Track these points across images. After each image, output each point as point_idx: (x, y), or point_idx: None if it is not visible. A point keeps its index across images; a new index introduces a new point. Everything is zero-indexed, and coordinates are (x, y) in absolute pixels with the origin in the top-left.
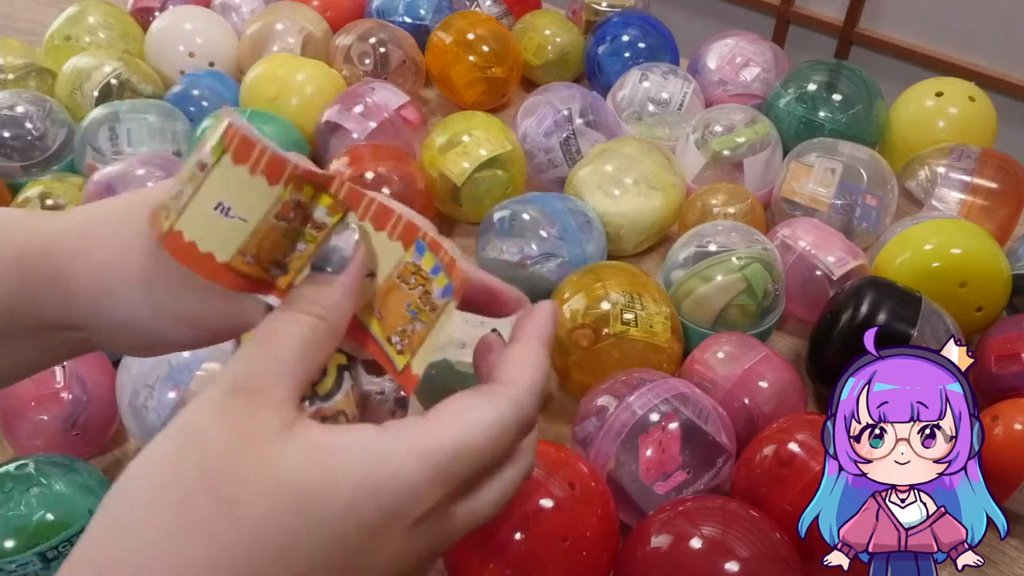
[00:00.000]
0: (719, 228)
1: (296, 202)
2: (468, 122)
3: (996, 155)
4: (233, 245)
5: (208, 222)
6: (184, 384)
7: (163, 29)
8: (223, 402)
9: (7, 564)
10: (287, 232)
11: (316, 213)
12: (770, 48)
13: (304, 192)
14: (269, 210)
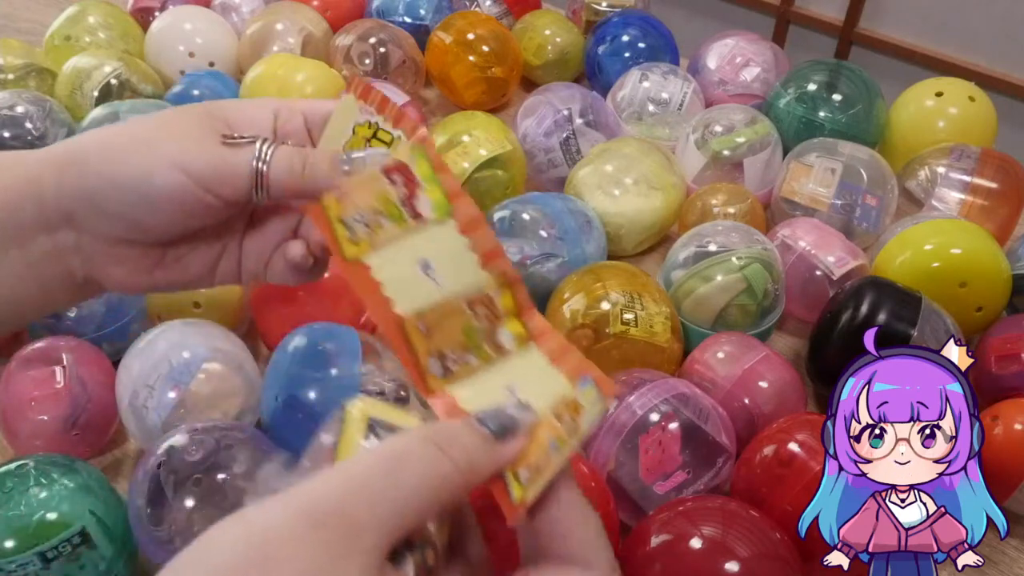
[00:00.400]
0: (719, 228)
1: (490, 300)
2: (468, 122)
3: (996, 155)
4: (417, 304)
5: (403, 270)
6: (184, 384)
7: (163, 29)
8: (305, 532)
9: (7, 564)
10: (466, 328)
11: (502, 335)
12: (770, 48)
13: (503, 297)
14: (465, 291)
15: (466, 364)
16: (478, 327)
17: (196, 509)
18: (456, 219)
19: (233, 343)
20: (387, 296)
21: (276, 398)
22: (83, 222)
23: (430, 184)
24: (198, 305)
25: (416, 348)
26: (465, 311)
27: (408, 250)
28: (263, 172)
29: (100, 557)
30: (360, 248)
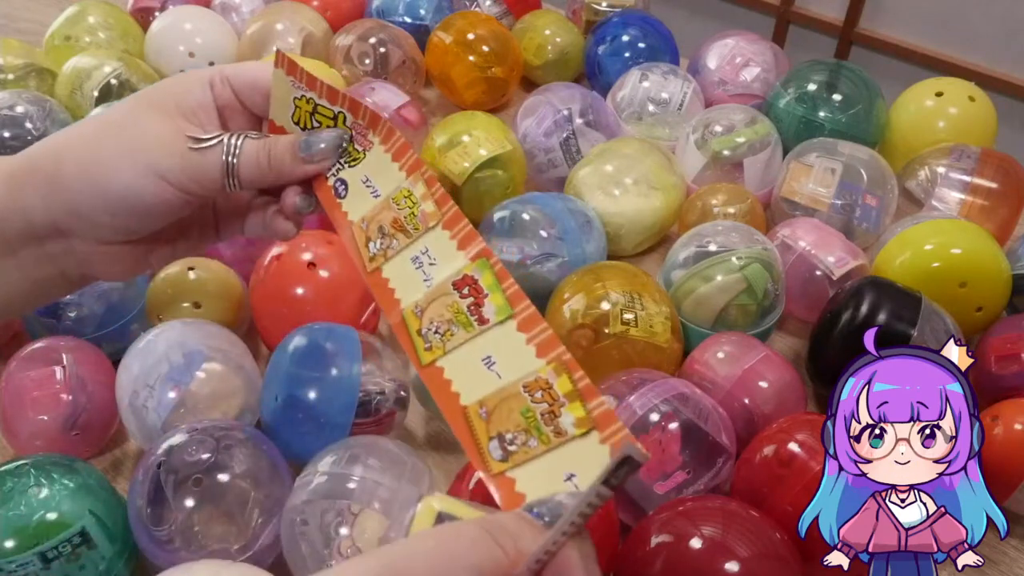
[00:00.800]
0: (719, 228)
1: (547, 383)
2: (468, 122)
3: (996, 155)
4: (479, 394)
5: (471, 368)
6: (184, 384)
7: (163, 29)
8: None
9: (7, 564)
10: (524, 411)
11: (563, 419)
12: (770, 48)
13: (560, 380)
14: (522, 378)
15: (526, 447)
16: (535, 408)
17: (196, 509)
18: (515, 319)
19: (233, 343)
20: (455, 391)
21: (276, 398)
22: (72, 231)
23: (494, 292)
24: (198, 305)
25: (477, 432)
26: (522, 394)
27: (474, 351)
28: (234, 165)
29: (100, 557)
30: (434, 354)
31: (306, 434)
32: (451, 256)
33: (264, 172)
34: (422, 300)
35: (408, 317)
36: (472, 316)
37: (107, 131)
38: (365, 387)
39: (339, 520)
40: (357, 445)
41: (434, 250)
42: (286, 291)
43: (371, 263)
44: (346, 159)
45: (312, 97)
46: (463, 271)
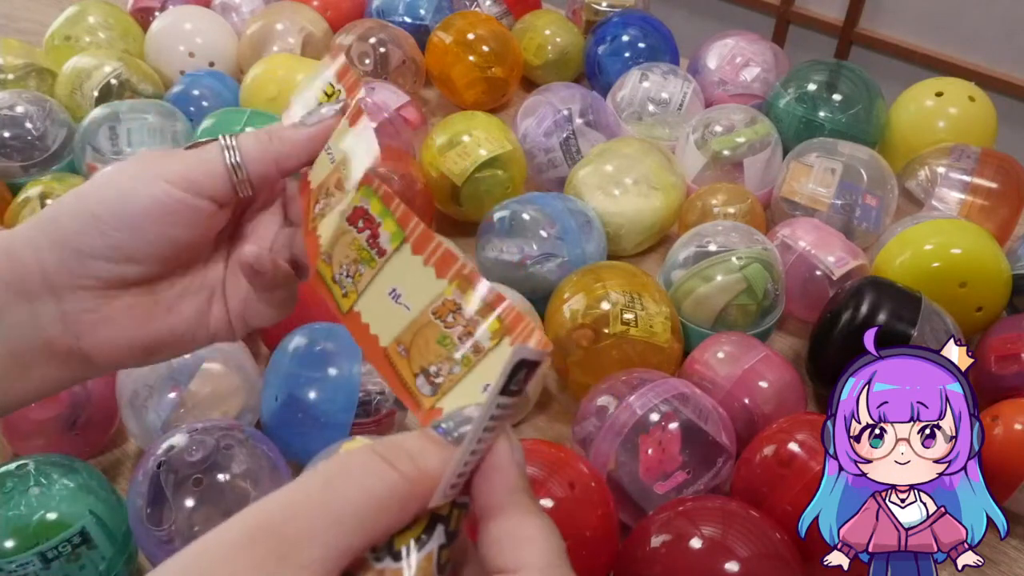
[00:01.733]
0: (719, 228)
1: (455, 304)
2: (468, 122)
3: (996, 155)
4: (394, 332)
5: (381, 305)
6: (184, 384)
7: (163, 29)
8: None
9: (7, 564)
10: (440, 339)
11: (478, 334)
12: (770, 48)
13: (466, 297)
14: (429, 304)
15: (451, 375)
16: (451, 334)
17: (196, 509)
18: (409, 242)
19: (233, 343)
20: (373, 334)
21: (276, 398)
22: (63, 276)
23: (385, 218)
24: None
25: (401, 373)
26: (434, 322)
27: (380, 285)
28: (235, 155)
29: (100, 557)
30: (349, 299)
31: (306, 434)
32: (347, 195)
33: (271, 155)
34: (327, 245)
35: (321, 268)
36: (372, 249)
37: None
38: (365, 387)
39: None
40: None
41: (346, 200)
42: None
43: (312, 223)
44: None
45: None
46: (352, 203)
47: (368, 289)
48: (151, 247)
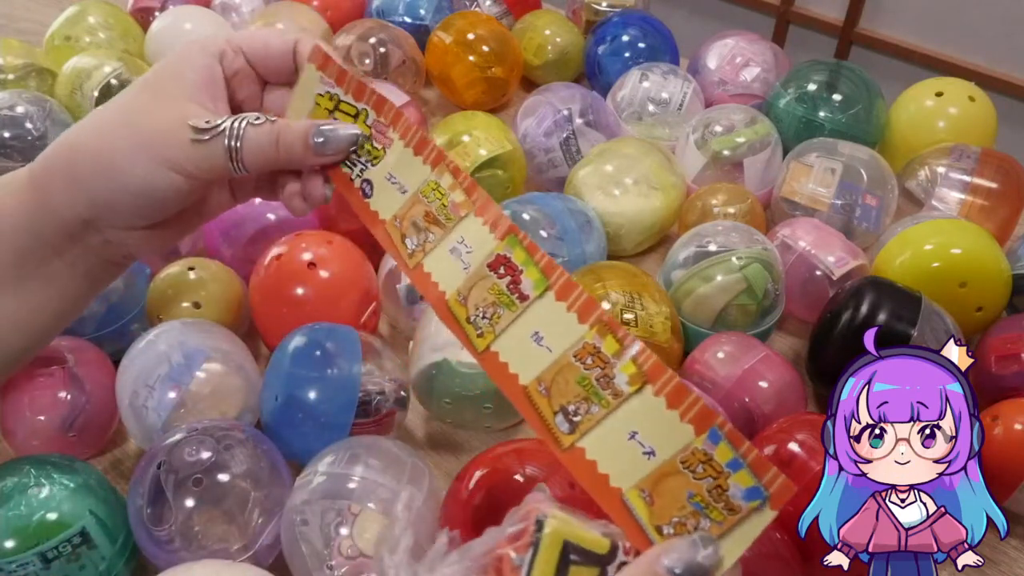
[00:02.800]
0: (719, 228)
1: (594, 348)
2: (468, 122)
3: (996, 155)
4: (535, 371)
5: (522, 346)
6: (184, 384)
7: (163, 29)
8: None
9: (7, 564)
10: (580, 379)
11: (617, 379)
12: (770, 48)
13: (606, 342)
14: (570, 347)
15: (589, 415)
16: (590, 375)
17: (196, 509)
18: (553, 289)
19: (233, 343)
20: (513, 372)
21: (276, 398)
22: (98, 221)
23: (528, 267)
24: (198, 305)
25: (541, 411)
26: (574, 363)
27: (521, 328)
28: (237, 149)
29: (100, 557)
30: (486, 339)
31: (306, 434)
32: (485, 240)
33: (271, 158)
34: (463, 287)
35: (454, 307)
36: (512, 294)
37: (116, 126)
38: (365, 387)
39: (339, 520)
40: (357, 445)
41: (469, 238)
42: (286, 291)
43: (411, 259)
44: (368, 159)
45: (337, 93)
46: (495, 251)
47: (508, 330)
48: (170, 209)
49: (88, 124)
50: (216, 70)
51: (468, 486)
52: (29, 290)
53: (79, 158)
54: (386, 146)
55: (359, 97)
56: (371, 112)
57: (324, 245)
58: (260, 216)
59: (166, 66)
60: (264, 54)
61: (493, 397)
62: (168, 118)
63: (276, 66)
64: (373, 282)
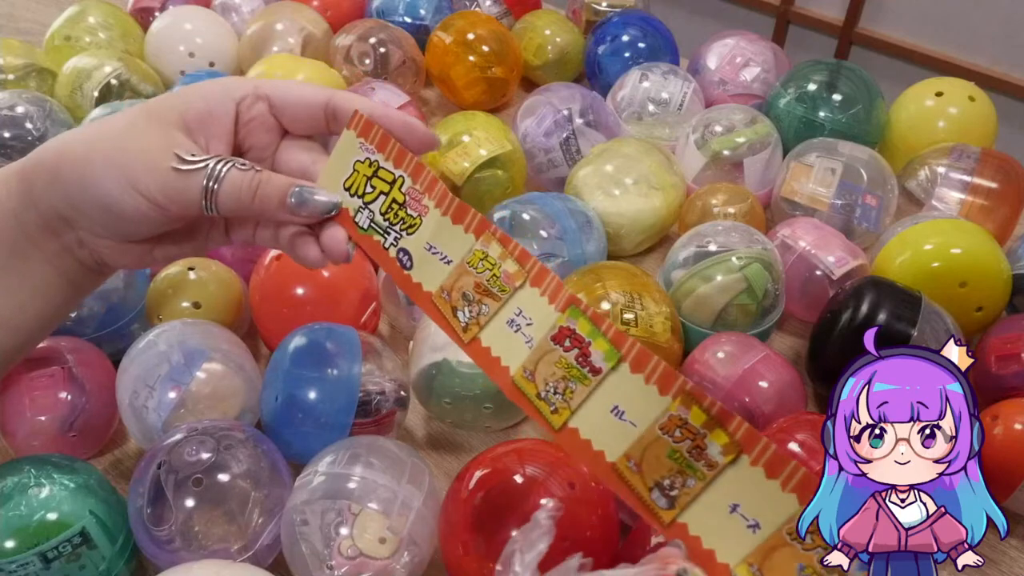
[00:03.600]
0: (719, 228)
1: (681, 420)
2: (468, 122)
3: (996, 155)
4: (622, 447)
5: (603, 422)
6: (184, 384)
7: (163, 29)
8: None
9: (7, 564)
10: (670, 453)
11: (710, 450)
12: (770, 48)
13: (692, 412)
14: (655, 421)
15: (686, 488)
16: (681, 448)
17: (196, 509)
18: (626, 361)
19: (233, 343)
20: (597, 450)
21: (276, 398)
22: (76, 223)
23: (596, 338)
24: (198, 305)
25: (635, 487)
26: (663, 437)
27: (599, 403)
28: (214, 191)
29: (100, 557)
30: (561, 416)
31: (306, 434)
32: (545, 312)
33: (245, 206)
34: (528, 362)
35: (521, 383)
36: (583, 368)
37: (104, 139)
38: (365, 387)
39: (339, 520)
40: (357, 445)
41: (527, 310)
42: (286, 291)
43: (466, 333)
44: (402, 227)
45: (376, 160)
46: (557, 324)
47: (584, 406)
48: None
49: (82, 131)
50: (226, 109)
51: (468, 486)
52: (15, 283)
53: (64, 161)
54: (422, 214)
55: (399, 164)
56: (408, 179)
57: None
58: None
59: (177, 93)
60: (295, 104)
61: (493, 397)
62: (153, 142)
63: (305, 116)
64: (373, 282)
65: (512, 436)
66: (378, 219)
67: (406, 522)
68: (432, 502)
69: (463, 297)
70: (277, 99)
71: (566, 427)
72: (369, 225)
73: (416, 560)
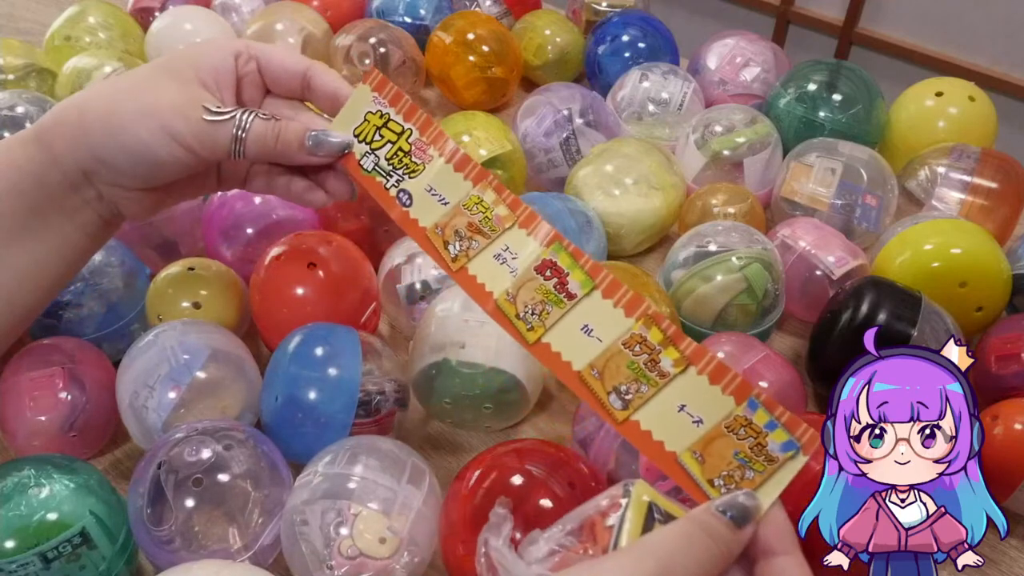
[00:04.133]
0: (719, 228)
1: (641, 337)
2: (468, 122)
3: (996, 155)
4: (588, 358)
5: (573, 338)
6: (184, 384)
7: (163, 29)
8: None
9: (7, 564)
10: (629, 364)
11: (663, 363)
12: (770, 48)
13: (652, 332)
14: (619, 338)
15: (639, 393)
16: (638, 360)
17: (196, 509)
18: (599, 288)
19: (233, 343)
20: (566, 360)
21: (276, 398)
22: (97, 175)
23: (574, 270)
24: (198, 305)
25: (596, 391)
26: (624, 351)
27: (571, 322)
28: (242, 139)
29: (100, 557)
30: (536, 332)
31: (306, 434)
32: (531, 248)
33: (269, 151)
34: (511, 288)
35: (503, 305)
36: (560, 294)
37: (126, 92)
38: (365, 387)
39: (339, 520)
40: (357, 445)
41: (514, 246)
42: (286, 291)
43: (455, 263)
44: (404, 172)
45: (388, 113)
46: (541, 256)
47: (558, 325)
48: (166, 177)
49: (98, 89)
50: (230, 65)
51: (468, 486)
52: (35, 243)
53: (87, 112)
54: (426, 162)
55: (408, 118)
56: (415, 131)
57: (324, 245)
58: (260, 216)
59: (182, 53)
60: (278, 68)
61: (493, 397)
62: (181, 95)
63: (285, 81)
64: (373, 282)
65: (512, 436)
66: (383, 163)
67: (406, 522)
68: (432, 502)
69: (455, 234)
70: (263, 61)
71: (539, 342)
72: (373, 168)
73: (416, 560)
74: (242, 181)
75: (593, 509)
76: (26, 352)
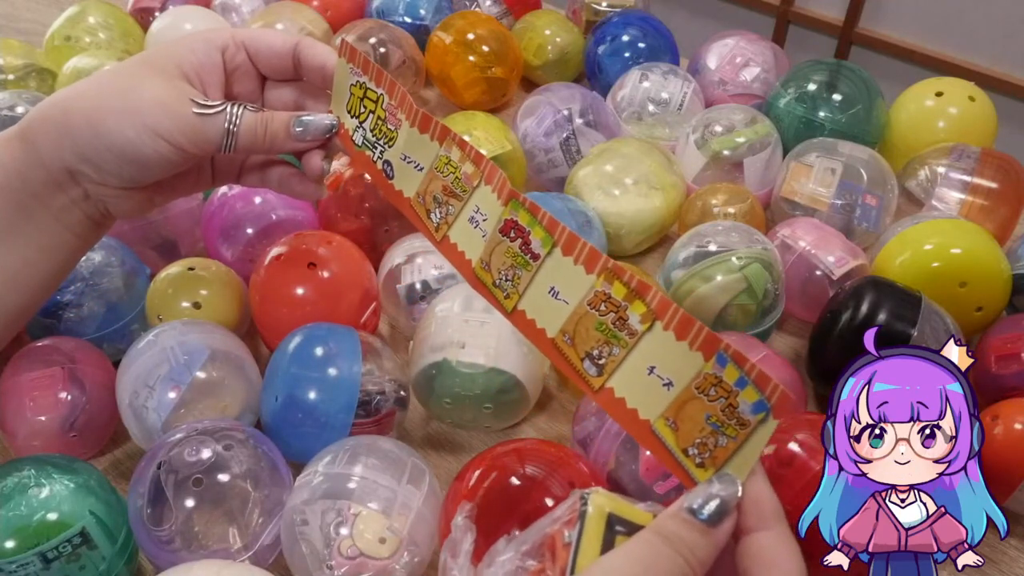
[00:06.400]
0: (719, 228)
1: (605, 295)
2: (468, 122)
3: (996, 155)
4: (558, 323)
5: (543, 302)
6: (184, 384)
7: (163, 29)
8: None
9: (7, 564)
10: (597, 325)
11: (631, 319)
12: (770, 48)
13: (614, 287)
14: (584, 297)
15: (612, 356)
16: (606, 320)
17: (196, 509)
18: (559, 245)
19: (233, 343)
20: (540, 327)
21: (276, 398)
22: (83, 175)
23: (534, 227)
24: (198, 305)
25: (571, 359)
26: (590, 312)
27: (539, 286)
28: (234, 132)
29: (100, 557)
30: (512, 300)
31: (306, 434)
32: (494, 206)
33: (258, 142)
34: (484, 254)
35: (480, 273)
36: (526, 255)
37: (110, 91)
38: (365, 387)
39: (339, 520)
40: (357, 445)
41: (483, 206)
42: (286, 291)
43: (438, 232)
44: (385, 141)
45: (364, 82)
46: (502, 216)
47: (528, 289)
48: (153, 175)
49: (82, 88)
50: (216, 59)
51: (468, 486)
52: (22, 242)
53: (72, 111)
54: (397, 127)
55: (379, 83)
56: (385, 96)
57: (324, 245)
58: (260, 216)
59: (165, 48)
60: (267, 52)
61: (493, 397)
62: (165, 91)
63: (277, 64)
64: (373, 282)
65: (512, 436)
66: (368, 136)
67: (406, 522)
68: (432, 502)
69: (434, 200)
70: (252, 47)
71: (516, 309)
72: (363, 142)
73: (416, 560)
74: (236, 175)
75: (551, 523)
76: (26, 352)
